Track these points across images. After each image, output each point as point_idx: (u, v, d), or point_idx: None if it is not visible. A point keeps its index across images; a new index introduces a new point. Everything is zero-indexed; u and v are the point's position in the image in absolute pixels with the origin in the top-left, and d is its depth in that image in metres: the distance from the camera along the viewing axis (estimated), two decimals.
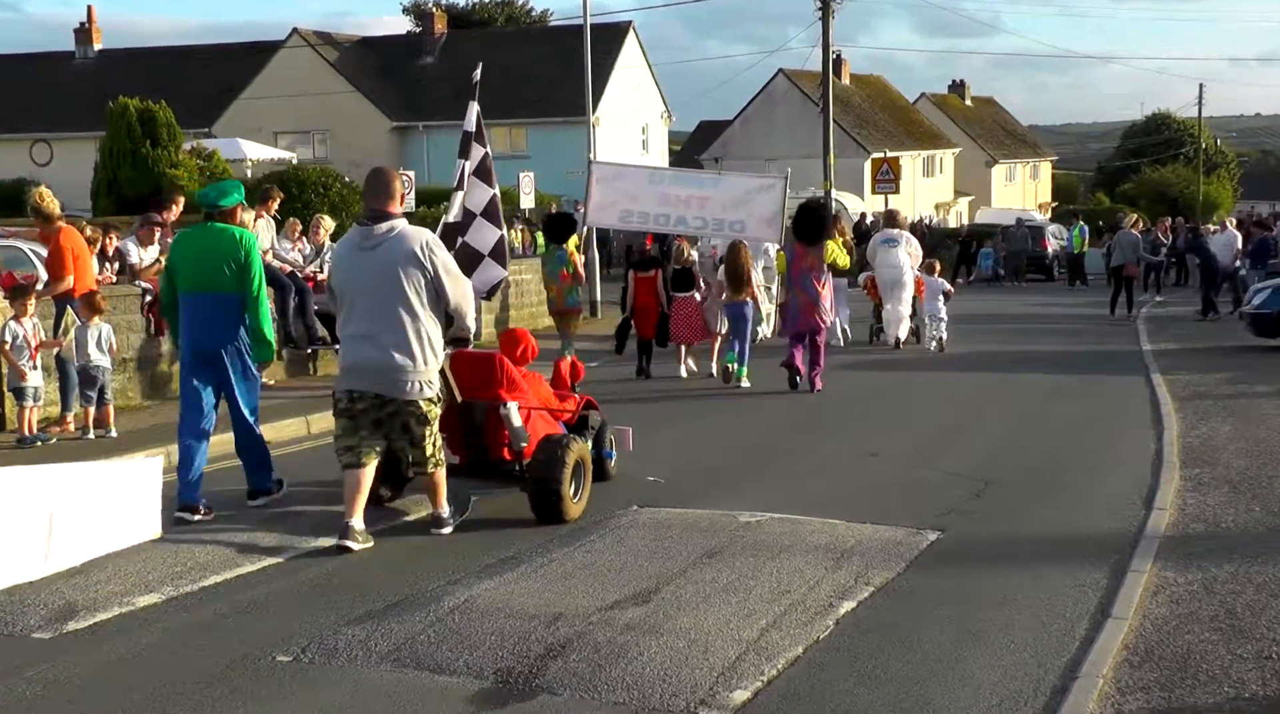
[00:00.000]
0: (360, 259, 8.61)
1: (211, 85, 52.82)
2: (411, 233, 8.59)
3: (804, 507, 9.46)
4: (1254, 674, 6.13)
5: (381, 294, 8.46)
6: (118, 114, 31.56)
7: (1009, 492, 10.33)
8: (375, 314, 8.48)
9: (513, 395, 9.48)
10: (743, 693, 5.91)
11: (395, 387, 8.47)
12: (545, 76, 50.72)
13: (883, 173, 41.86)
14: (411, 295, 8.44)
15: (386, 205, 8.64)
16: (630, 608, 7.06)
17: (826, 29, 40.16)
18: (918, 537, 8.66)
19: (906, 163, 57.90)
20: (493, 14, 67.70)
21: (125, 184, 30.16)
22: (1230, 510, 9.55)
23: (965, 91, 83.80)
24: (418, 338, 8.46)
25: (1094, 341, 22.60)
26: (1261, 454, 11.65)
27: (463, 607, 7.13)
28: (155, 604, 7.31)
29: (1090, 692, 5.89)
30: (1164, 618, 6.99)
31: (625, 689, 5.94)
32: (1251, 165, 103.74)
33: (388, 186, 8.74)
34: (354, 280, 8.63)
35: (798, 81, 61.28)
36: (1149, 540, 8.60)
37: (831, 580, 7.64)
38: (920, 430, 13.32)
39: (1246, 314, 21.23)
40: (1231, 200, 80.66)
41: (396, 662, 6.37)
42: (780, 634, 6.68)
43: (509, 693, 5.96)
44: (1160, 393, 15.49)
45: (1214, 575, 7.76)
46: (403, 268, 8.44)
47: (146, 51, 60.39)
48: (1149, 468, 11.10)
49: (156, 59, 57.48)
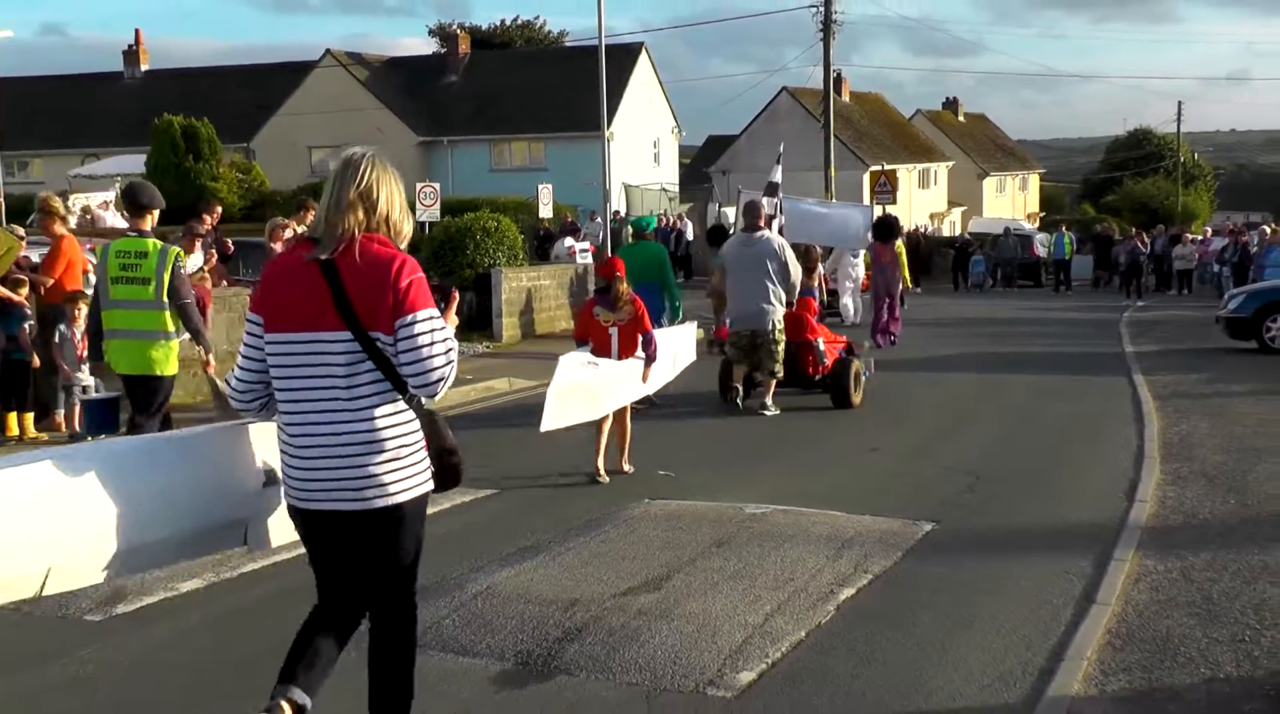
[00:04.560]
0: (744, 252, 13.92)
1: (249, 103, 52.89)
2: (771, 238, 14.10)
3: (806, 499, 9.47)
4: (1229, 656, 6.12)
5: (755, 272, 13.62)
6: (162, 130, 31.77)
7: (1000, 485, 10.32)
8: (752, 283, 13.64)
9: (814, 336, 14.57)
10: (749, 674, 5.92)
11: (762, 323, 13.56)
12: (562, 94, 50.75)
13: (880, 184, 41.80)
14: (772, 273, 13.58)
15: (757, 222, 14.15)
16: (643, 594, 7.08)
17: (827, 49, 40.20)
18: (914, 528, 8.67)
19: (903, 175, 57.83)
20: (513, 36, 67.81)
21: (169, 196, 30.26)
22: (1207, 502, 9.54)
23: (958, 108, 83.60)
24: (774, 297, 13.60)
25: (1079, 343, 22.57)
26: (1236, 449, 11.63)
27: (485, 593, 7.16)
28: (198, 589, 7.35)
29: (1075, 673, 5.89)
30: (1145, 604, 6.99)
31: (638, 670, 5.96)
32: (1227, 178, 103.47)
33: (758, 214, 14.40)
34: (739, 264, 13.87)
35: (800, 98, 61.17)
36: (1131, 531, 8.60)
37: (832, 569, 7.65)
38: (916, 427, 13.31)
39: (1222, 318, 21.21)
40: (1209, 211, 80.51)
41: (423, 644, 6.35)
42: (784, 619, 6.69)
43: (529, 674, 5.97)
44: (1142, 392, 15.47)
45: (1191, 564, 7.76)
46: (768, 258, 13.66)
47: (189, 71, 60.56)
48: (1131, 463, 11.10)
49: (199, 78, 57.64)
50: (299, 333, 4.50)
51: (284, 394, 4.57)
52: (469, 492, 9.60)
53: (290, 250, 4.75)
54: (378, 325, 4.44)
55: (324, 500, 4.54)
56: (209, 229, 15.69)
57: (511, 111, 53.25)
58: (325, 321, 4.46)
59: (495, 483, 9.75)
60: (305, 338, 4.49)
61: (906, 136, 71.11)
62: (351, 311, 4.45)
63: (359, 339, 4.45)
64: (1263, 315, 20.34)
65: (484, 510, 9.35)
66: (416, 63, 59.71)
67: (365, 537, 4.61)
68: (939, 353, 20.14)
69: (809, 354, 14.42)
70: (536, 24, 70.16)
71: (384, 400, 4.49)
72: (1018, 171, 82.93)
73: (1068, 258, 41.21)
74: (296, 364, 4.52)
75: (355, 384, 4.47)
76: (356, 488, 4.50)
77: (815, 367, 14.44)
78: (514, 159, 53.64)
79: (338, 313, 4.44)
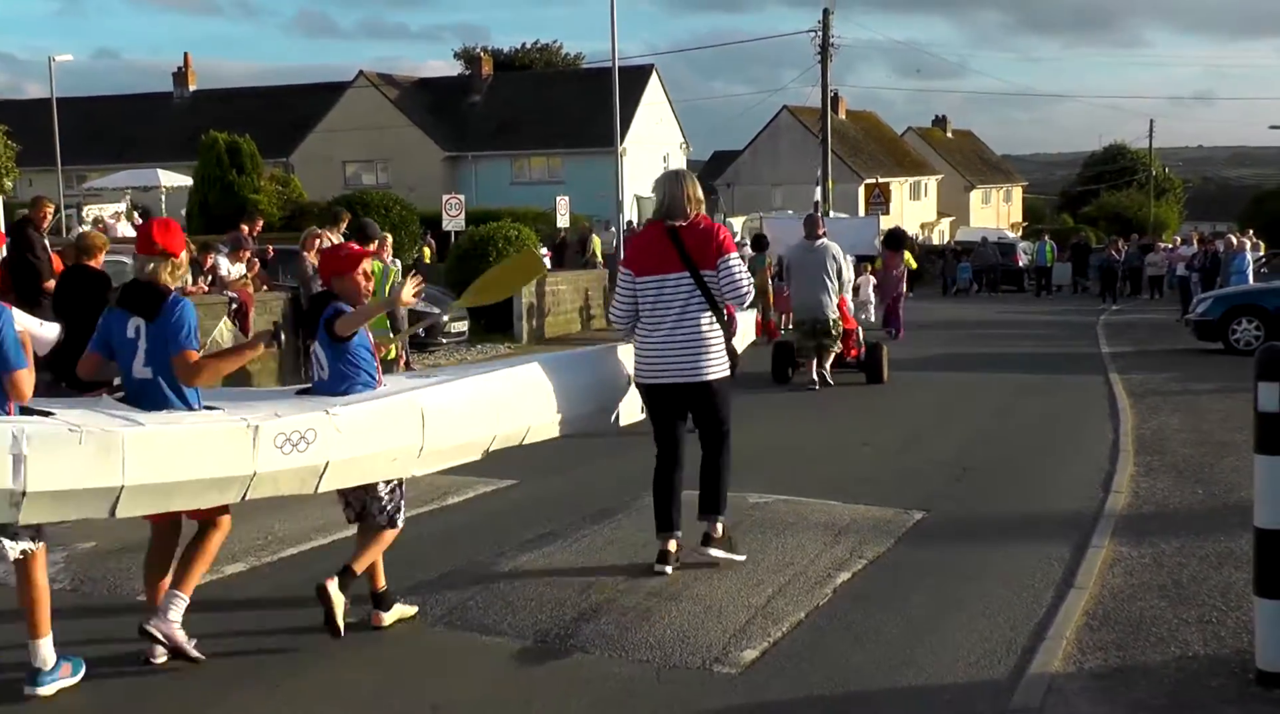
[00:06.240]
0: (807, 257, 15.43)
1: (288, 121, 52.98)
2: (829, 245, 15.47)
3: (805, 489, 9.46)
4: (1197, 635, 6.10)
5: (816, 272, 15.19)
6: (208, 146, 31.78)
7: (985, 477, 10.30)
8: (814, 281, 15.19)
9: (852, 326, 16.28)
10: (752, 652, 5.91)
11: (822, 312, 15.16)
12: (578, 112, 50.78)
13: (875, 196, 41.81)
14: (831, 275, 15.14)
15: (817, 231, 15.56)
16: (653, 577, 7.06)
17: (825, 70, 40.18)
18: (905, 516, 8.65)
19: (896, 187, 57.78)
20: (533, 58, 67.82)
21: (215, 207, 30.35)
22: (1177, 493, 9.51)
23: (947, 125, 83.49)
24: (831, 294, 15.19)
25: (1059, 345, 22.52)
26: (1204, 443, 11.59)
27: (507, 576, 7.16)
28: (240, 572, 7.37)
29: (1055, 652, 5.88)
30: (1119, 587, 6.97)
31: (649, 649, 5.96)
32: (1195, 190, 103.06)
33: (819, 224, 15.89)
34: (803, 266, 15.46)
35: (800, 116, 61.19)
36: (1107, 519, 8.57)
37: (830, 554, 7.64)
38: (907, 423, 13.29)
39: (1191, 321, 21.16)
40: (1178, 221, 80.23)
41: (449, 624, 6.39)
42: (785, 601, 6.68)
43: (547, 651, 5.98)
44: (1117, 390, 15.42)
45: (1162, 550, 7.73)
46: (828, 261, 15.20)
47: (233, 92, 60.66)
48: (1107, 456, 11.06)
49: (242, 98, 57.74)
50: (657, 275, 6.96)
51: (646, 314, 7.02)
52: (491, 481, 9.60)
53: (645, 229, 7.42)
54: (705, 266, 6.90)
55: (671, 377, 6.98)
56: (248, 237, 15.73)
57: (531, 129, 53.28)
58: (672, 266, 6.92)
59: (516, 473, 9.75)
60: (660, 278, 6.95)
61: (899, 152, 71.08)
62: (690, 259, 6.89)
63: (693, 276, 6.90)
64: (1229, 318, 20.27)
65: (506, 499, 9.36)
66: (443, 83, 59.75)
67: (696, 399, 7.05)
68: (927, 353, 20.10)
69: (849, 339, 16.19)
70: (554, 47, 70.21)
71: (705, 314, 6.92)
72: (1002, 184, 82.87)
73: (1049, 265, 41.15)
74: (656, 294, 6.98)
75: (689, 305, 6.91)
76: (691, 369, 6.94)
77: (854, 349, 16.35)
78: (533, 173, 53.66)
79: (680, 260, 6.90)
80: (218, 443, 5.26)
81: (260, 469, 5.33)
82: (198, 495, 5.33)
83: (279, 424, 5.41)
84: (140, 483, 5.00)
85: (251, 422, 5.33)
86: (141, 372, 5.59)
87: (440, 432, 6.11)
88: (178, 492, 5.22)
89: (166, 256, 5.68)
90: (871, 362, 16.36)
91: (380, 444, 5.84)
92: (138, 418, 5.22)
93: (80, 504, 4.96)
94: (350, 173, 53.50)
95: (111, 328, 5.69)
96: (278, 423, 5.41)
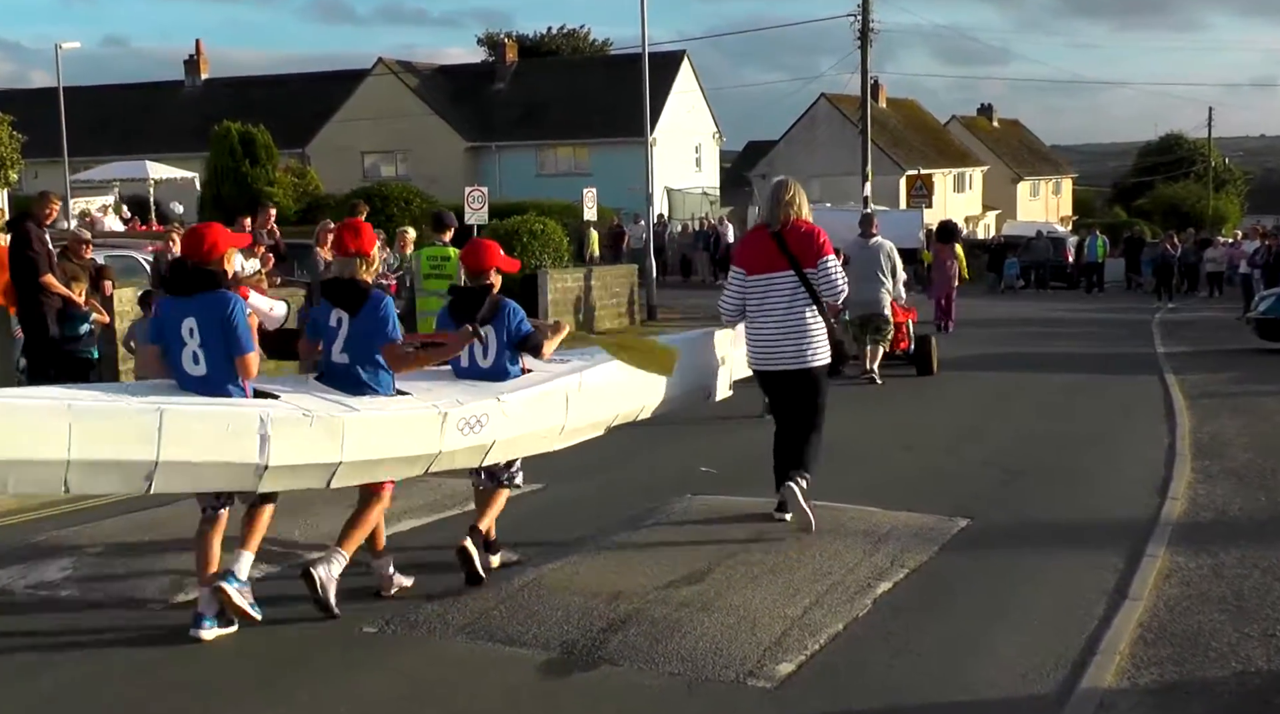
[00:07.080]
0: (862, 253, 16.06)
1: (305, 110, 53.10)
2: (883, 243, 16.31)
3: (843, 495, 9.41)
4: (1259, 651, 6.06)
5: (871, 267, 15.93)
6: (221, 136, 31.99)
7: (1032, 481, 10.26)
8: (868, 277, 15.70)
9: (901, 318, 16.92)
10: (788, 665, 5.90)
11: (877, 307, 15.91)
12: (606, 101, 50.70)
13: (917, 189, 41.72)
14: (885, 269, 16.02)
15: (872, 229, 16.48)
16: (684, 587, 7.06)
17: (865, 57, 40.04)
18: (948, 523, 8.62)
19: (938, 179, 57.57)
20: (559, 44, 67.77)
21: (227, 199, 30.52)
22: (1237, 500, 9.44)
23: (992, 114, 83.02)
24: (886, 290, 16.04)
25: (1111, 344, 22.41)
26: (1266, 448, 11.51)
27: (532, 584, 7.16)
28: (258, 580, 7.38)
29: (1108, 666, 5.85)
30: (1176, 599, 6.93)
31: (680, 661, 5.95)
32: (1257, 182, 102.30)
33: (873, 222, 16.88)
34: (858, 261, 15.65)
35: (838, 104, 60.93)
36: (1162, 527, 8.52)
37: (869, 563, 7.62)
38: (952, 424, 13.25)
39: (1253, 319, 21.00)
40: (1239, 214, 79.60)
41: (471, 634, 6.40)
42: (822, 612, 6.67)
43: (573, 663, 5.98)
44: (1173, 391, 15.34)
45: (1222, 560, 7.68)
46: (882, 257, 16.09)
47: (247, 80, 60.87)
48: (1162, 460, 11.00)
49: (256, 86, 57.93)
50: (765, 274, 8.33)
51: (754, 308, 8.40)
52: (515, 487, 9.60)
53: (752, 232, 9.09)
54: (807, 264, 8.23)
55: (779, 364, 8.37)
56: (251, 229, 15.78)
57: (557, 118, 53.29)
58: (778, 265, 8.27)
59: (541, 477, 9.76)
60: (769, 276, 8.31)
61: (942, 141, 70.74)
62: (793, 259, 8.23)
63: (797, 274, 8.23)
64: None
65: (530, 504, 9.35)
66: (465, 70, 59.77)
67: (800, 384, 8.36)
68: (974, 351, 20.01)
69: (899, 332, 16.95)
70: (582, 32, 70.10)
71: (809, 308, 8.26)
72: (1050, 176, 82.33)
73: (1101, 260, 40.90)
74: (764, 290, 8.33)
75: (795, 299, 8.25)
76: (796, 357, 8.29)
77: (904, 342, 17.14)
78: (559, 164, 53.68)
79: (785, 260, 8.25)
80: (415, 426, 6.47)
81: (444, 448, 6.55)
82: (395, 470, 6.59)
83: (462, 411, 6.63)
84: (355, 460, 6.18)
85: (441, 408, 6.54)
86: (339, 357, 6.56)
87: (579, 412, 7.49)
88: (380, 467, 6.44)
89: (361, 257, 6.64)
90: (921, 353, 17.21)
91: (534, 425, 7.17)
92: (352, 403, 6.30)
93: (306, 476, 6.14)
94: (369, 164, 53.63)
95: (318, 318, 6.73)
96: (461, 410, 6.62)
